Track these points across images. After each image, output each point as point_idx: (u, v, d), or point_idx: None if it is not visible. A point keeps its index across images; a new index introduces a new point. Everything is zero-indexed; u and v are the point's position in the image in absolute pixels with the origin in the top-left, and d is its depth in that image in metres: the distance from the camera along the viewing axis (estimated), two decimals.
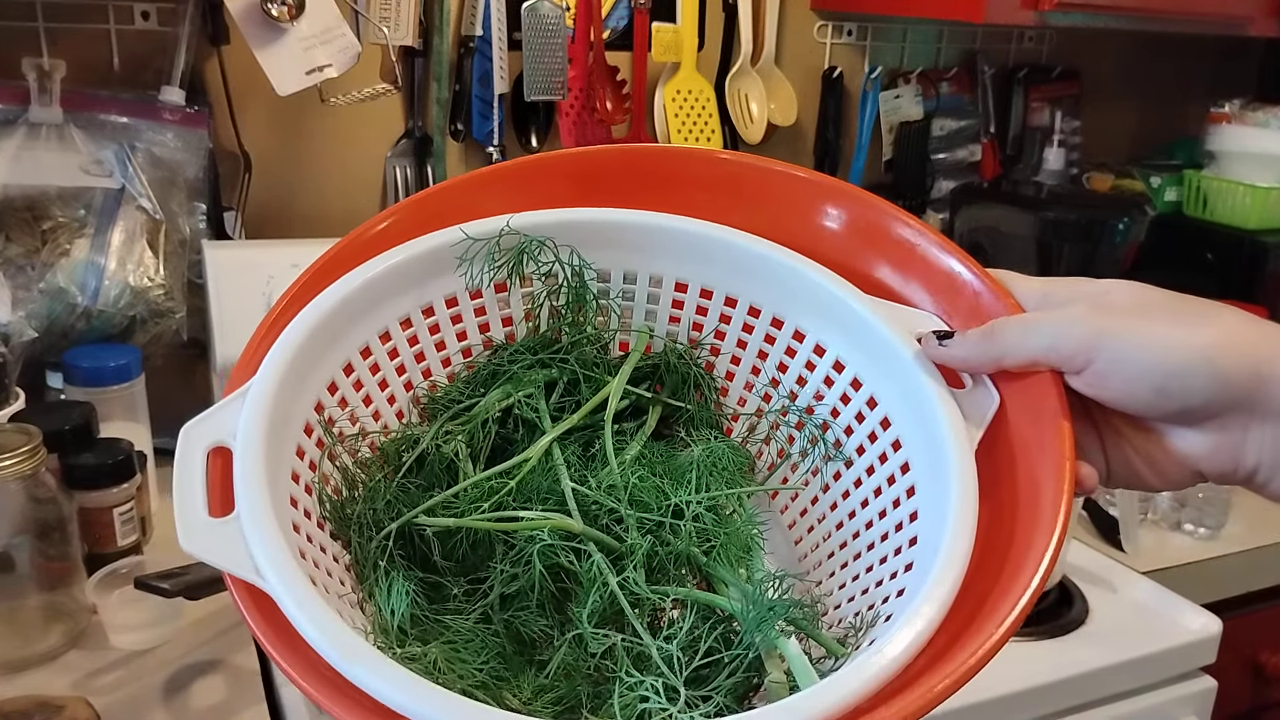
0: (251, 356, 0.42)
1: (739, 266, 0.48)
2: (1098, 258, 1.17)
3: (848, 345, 0.46)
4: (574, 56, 1.16)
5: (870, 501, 0.45)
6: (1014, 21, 1.19)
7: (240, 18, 0.90)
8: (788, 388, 0.49)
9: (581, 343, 0.48)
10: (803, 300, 0.47)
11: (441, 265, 0.46)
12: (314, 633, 0.34)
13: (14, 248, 0.92)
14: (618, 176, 0.49)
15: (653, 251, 0.48)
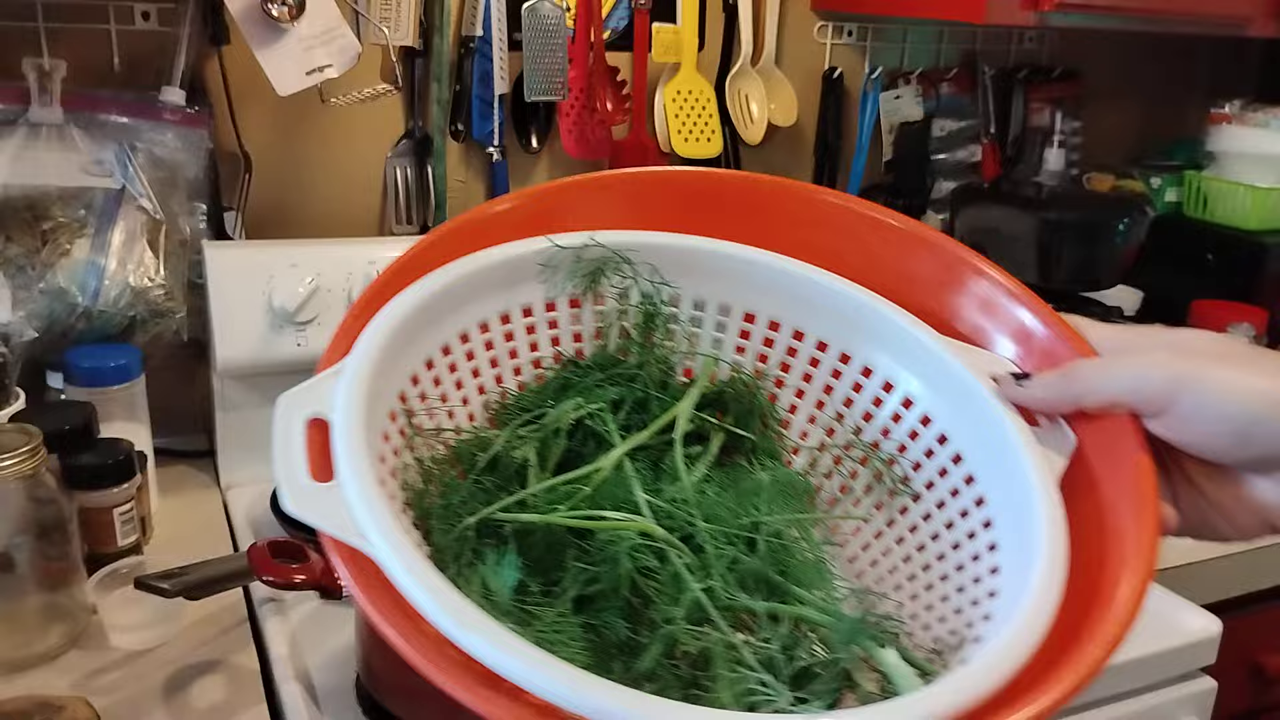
0: (346, 332, 0.42)
1: (812, 301, 0.49)
2: (1098, 258, 1.17)
3: (918, 382, 0.47)
4: (574, 57, 1.16)
5: (942, 535, 0.46)
6: (1014, 22, 1.19)
7: (240, 18, 0.91)
8: (852, 423, 0.49)
9: (649, 364, 0.49)
10: (874, 337, 0.48)
11: (523, 273, 0.47)
12: (424, 599, 0.33)
13: (14, 248, 0.92)
14: (718, 200, 0.50)
15: (727, 281, 0.49)
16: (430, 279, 0.45)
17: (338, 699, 0.73)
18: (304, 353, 1.01)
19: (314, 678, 0.75)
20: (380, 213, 1.17)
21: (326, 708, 0.72)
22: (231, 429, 1.03)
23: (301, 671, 0.76)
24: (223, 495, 1.02)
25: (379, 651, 0.71)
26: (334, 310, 1.02)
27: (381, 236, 1.17)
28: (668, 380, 0.49)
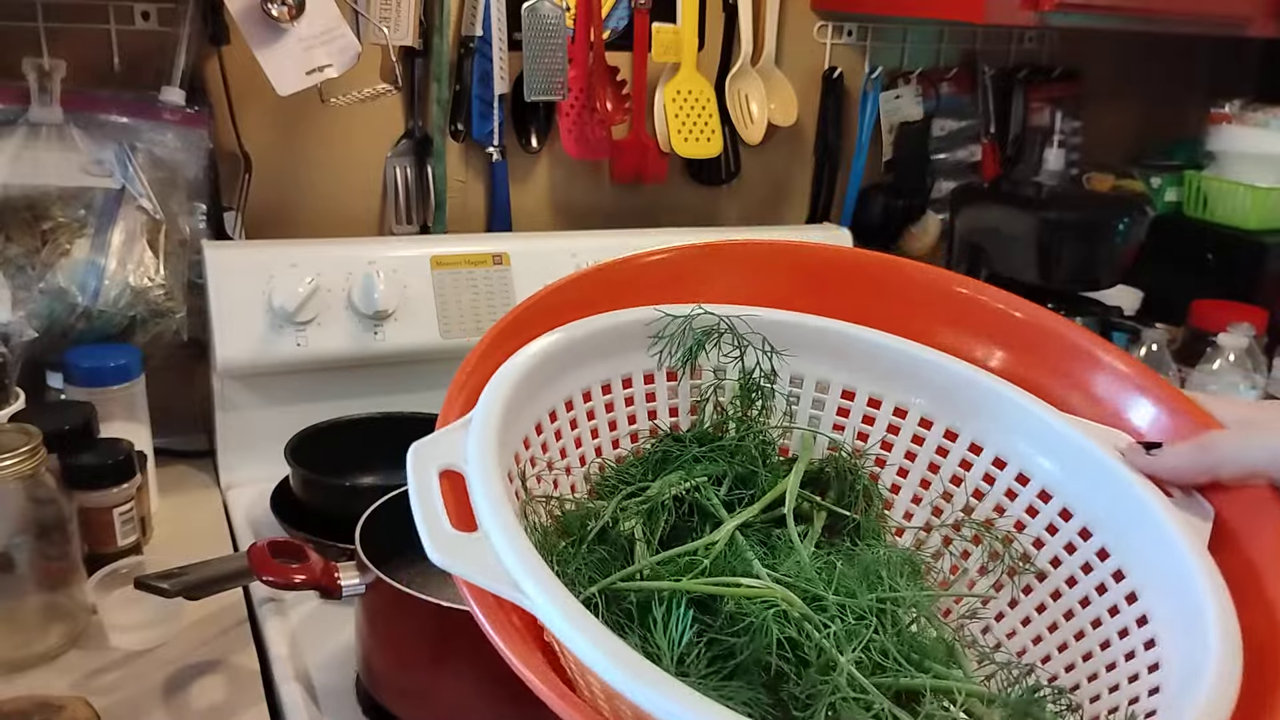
0: (465, 381, 0.42)
1: (915, 378, 0.49)
2: (1098, 258, 1.17)
3: (1035, 456, 0.46)
4: (574, 57, 1.16)
5: (1077, 612, 0.45)
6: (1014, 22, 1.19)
7: (240, 18, 0.90)
8: (961, 501, 0.49)
9: (749, 438, 0.48)
10: (983, 413, 0.48)
11: (629, 342, 0.47)
12: (593, 652, 0.32)
13: (14, 248, 0.92)
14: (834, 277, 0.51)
15: (829, 357, 0.49)
16: (543, 341, 0.44)
17: (337, 699, 0.73)
18: (304, 353, 1.01)
19: (314, 678, 0.75)
20: (380, 213, 1.17)
21: (326, 708, 0.73)
22: (231, 429, 1.03)
23: (301, 671, 0.76)
24: (222, 495, 1.02)
25: (379, 651, 0.71)
26: (334, 310, 1.02)
27: (381, 236, 1.17)
28: (767, 456, 0.49)
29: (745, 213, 1.36)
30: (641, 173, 1.24)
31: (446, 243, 1.10)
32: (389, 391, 1.08)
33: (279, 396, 1.04)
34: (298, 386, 1.04)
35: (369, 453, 0.98)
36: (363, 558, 0.69)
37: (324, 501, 0.90)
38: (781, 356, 0.49)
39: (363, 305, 1.02)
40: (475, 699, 0.67)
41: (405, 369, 1.08)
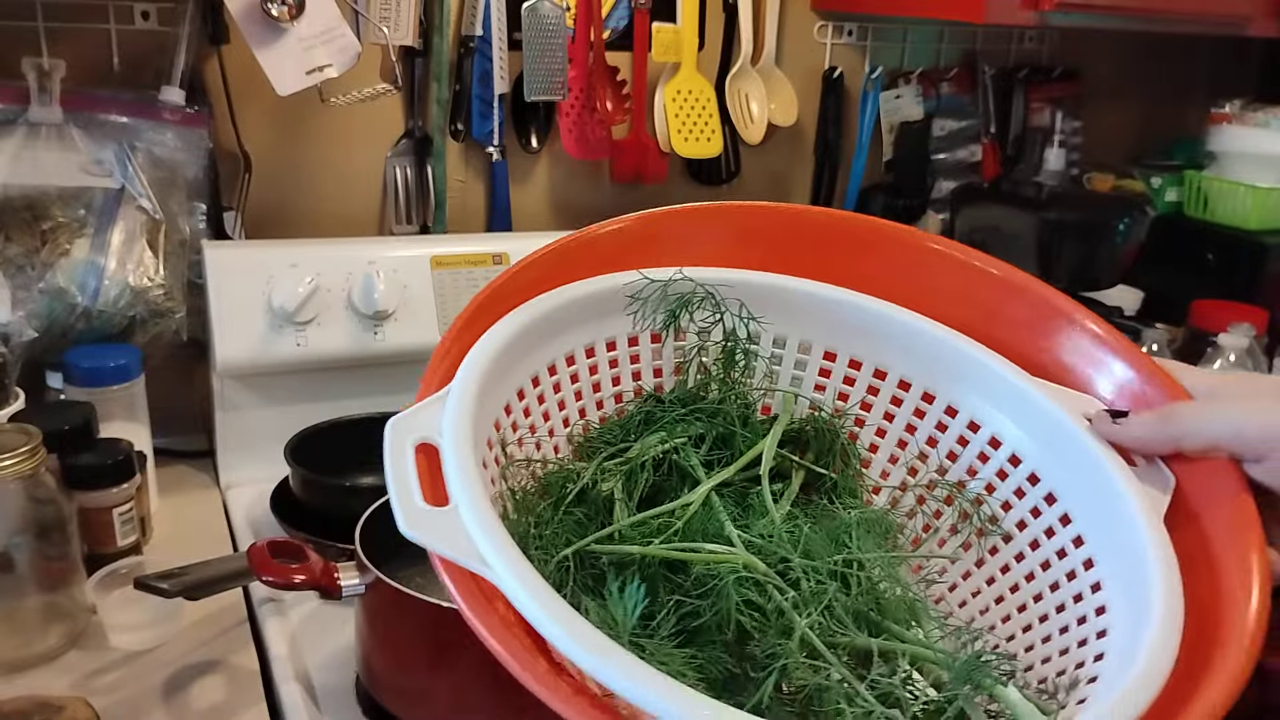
0: (444, 354, 0.43)
1: (894, 340, 0.49)
2: (1098, 258, 1.17)
3: (1006, 421, 0.47)
4: (574, 56, 1.16)
5: (1038, 575, 0.46)
6: (1014, 22, 1.19)
7: (240, 17, 0.90)
8: (936, 462, 0.50)
9: (729, 400, 0.49)
10: (959, 376, 0.48)
11: (611, 306, 0.48)
12: (553, 628, 0.33)
13: (14, 248, 0.92)
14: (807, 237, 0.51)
15: (809, 319, 0.50)
16: (524, 310, 0.45)
17: (337, 699, 0.73)
18: (304, 353, 1.01)
19: (313, 678, 0.75)
20: (380, 212, 1.17)
21: (326, 708, 0.72)
22: (231, 429, 1.03)
23: (301, 672, 0.76)
24: (222, 495, 1.02)
25: (379, 651, 0.71)
26: (334, 310, 1.02)
27: (381, 236, 1.17)
28: (748, 416, 0.50)
29: None
30: (641, 173, 1.24)
31: (446, 243, 1.10)
32: (389, 391, 1.07)
33: (279, 396, 1.04)
34: (297, 386, 1.04)
35: (369, 453, 0.97)
36: (362, 558, 0.69)
37: (324, 502, 0.90)
38: (760, 321, 0.49)
39: (363, 305, 1.02)
40: (475, 699, 0.67)
41: (405, 369, 1.08)
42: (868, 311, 0.49)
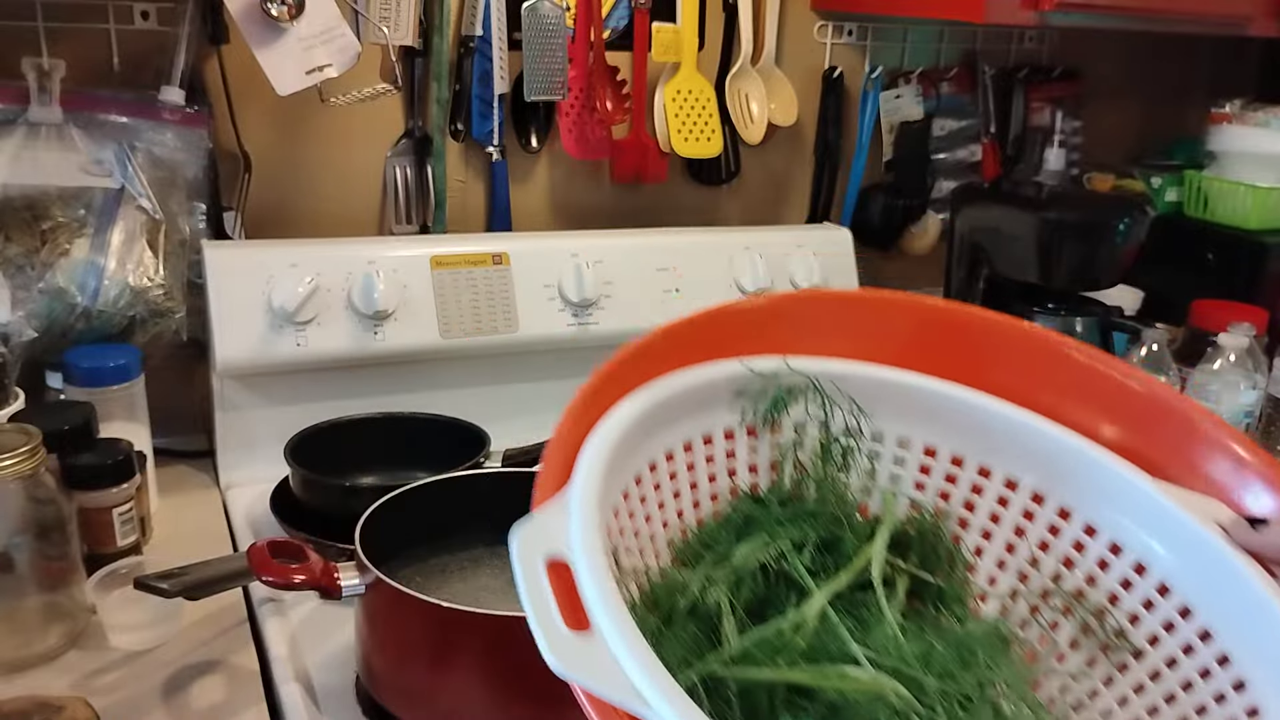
0: (563, 443, 0.39)
1: (1005, 438, 0.46)
2: (1098, 258, 1.17)
3: (1131, 528, 0.44)
4: (574, 56, 1.16)
5: (1179, 697, 0.42)
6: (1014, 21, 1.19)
7: (240, 17, 0.90)
8: (1050, 568, 0.46)
9: (828, 500, 0.46)
10: (1074, 478, 0.45)
11: (715, 398, 0.45)
12: None
13: (13, 247, 0.92)
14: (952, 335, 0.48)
15: (920, 417, 0.47)
16: (633, 401, 0.42)
17: (337, 699, 0.73)
18: (303, 353, 1.01)
19: (314, 678, 0.75)
20: (380, 213, 1.17)
21: (326, 708, 0.72)
22: (231, 429, 1.03)
23: (301, 672, 0.76)
24: (222, 495, 1.02)
25: (379, 652, 0.71)
26: (333, 310, 1.02)
27: (381, 236, 1.17)
28: (849, 518, 0.46)
29: (745, 213, 1.36)
30: (641, 172, 1.24)
31: (446, 242, 1.10)
32: (389, 391, 1.08)
33: (279, 396, 1.04)
34: (297, 386, 1.04)
35: (369, 453, 0.98)
36: (362, 558, 0.69)
37: (324, 502, 0.90)
38: (867, 416, 0.46)
39: (362, 305, 1.02)
40: (475, 699, 0.67)
41: (405, 369, 1.08)
42: (974, 407, 0.46)
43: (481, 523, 0.84)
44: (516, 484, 0.85)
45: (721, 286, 1.20)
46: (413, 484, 0.80)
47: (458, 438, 0.96)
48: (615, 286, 1.14)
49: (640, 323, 1.15)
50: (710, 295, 1.19)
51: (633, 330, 1.25)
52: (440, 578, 0.80)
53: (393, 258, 1.05)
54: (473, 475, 0.86)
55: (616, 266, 1.14)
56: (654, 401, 0.43)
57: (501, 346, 1.10)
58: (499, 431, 0.97)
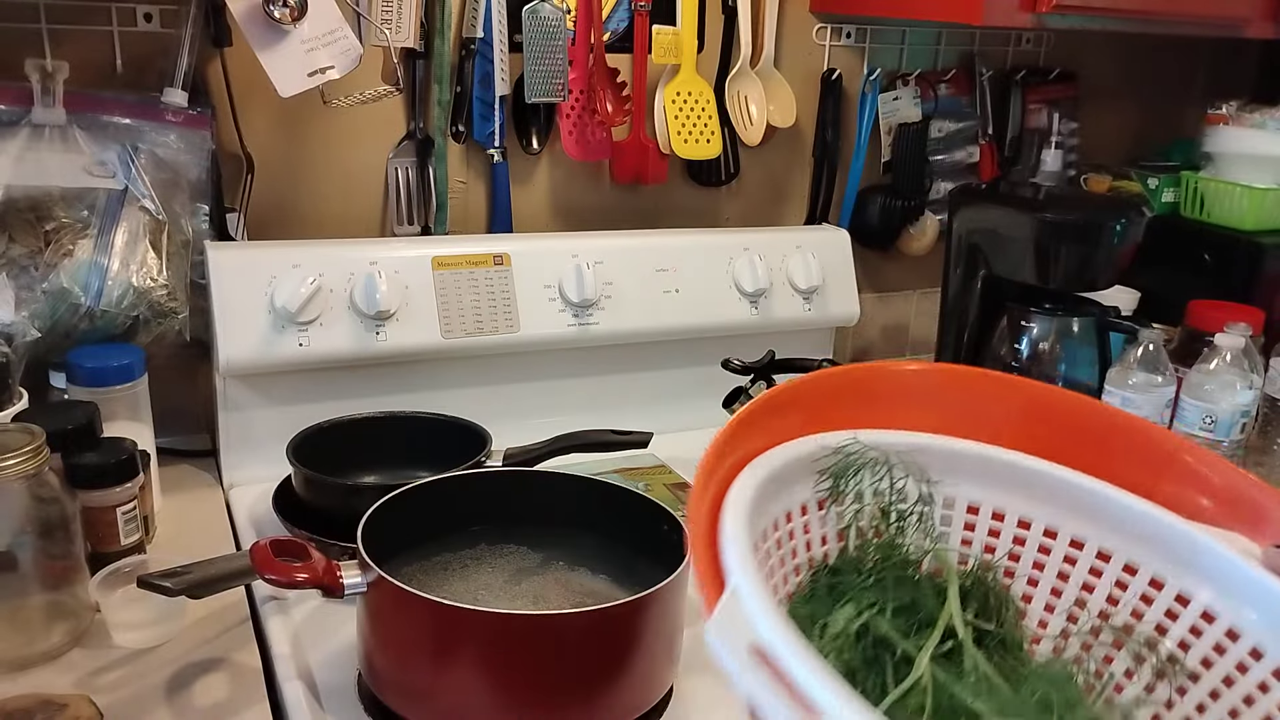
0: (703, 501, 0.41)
1: (1046, 493, 0.50)
2: (1095, 259, 1.17)
3: (1166, 564, 0.48)
4: (574, 58, 1.16)
5: (1243, 712, 0.45)
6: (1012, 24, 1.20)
7: (242, 20, 0.91)
8: (1096, 606, 0.50)
9: (893, 563, 0.49)
10: (1109, 523, 0.49)
11: (797, 474, 0.47)
12: None
13: (17, 248, 0.92)
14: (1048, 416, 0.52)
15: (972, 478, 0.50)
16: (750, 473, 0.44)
17: (340, 697, 0.74)
18: (306, 353, 1.01)
19: (316, 676, 0.76)
20: (382, 214, 1.17)
21: (329, 706, 0.73)
22: (234, 428, 1.04)
23: (304, 670, 0.76)
24: (225, 494, 1.03)
25: (381, 650, 0.71)
26: (336, 310, 1.02)
27: (383, 237, 1.17)
28: (915, 579, 0.50)
29: (745, 214, 1.36)
30: (641, 174, 1.25)
31: (448, 243, 1.11)
32: (391, 391, 1.08)
33: (281, 396, 1.04)
34: (300, 386, 1.04)
35: (371, 452, 0.99)
36: (365, 556, 0.70)
37: (326, 500, 0.91)
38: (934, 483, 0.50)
39: (364, 305, 1.02)
40: (477, 696, 0.67)
41: (407, 369, 1.09)
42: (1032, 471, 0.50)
43: (483, 522, 0.84)
44: (517, 483, 0.86)
45: (721, 287, 1.20)
46: (414, 483, 0.81)
47: (459, 437, 0.97)
48: (615, 287, 1.14)
49: (640, 323, 1.16)
50: (710, 296, 1.20)
51: (633, 330, 1.27)
52: (442, 576, 0.80)
53: (394, 258, 1.05)
54: (474, 474, 0.87)
55: (616, 267, 1.15)
56: (762, 477, 0.45)
57: (502, 347, 1.10)
58: (500, 431, 0.97)
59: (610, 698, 0.69)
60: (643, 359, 1.20)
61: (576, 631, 0.67)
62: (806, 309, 1.25)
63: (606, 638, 0.68)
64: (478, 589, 0.79)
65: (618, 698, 0.70)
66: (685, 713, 0.74)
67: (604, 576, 0.82)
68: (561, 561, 0.83)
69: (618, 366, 1.19)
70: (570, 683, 0.68)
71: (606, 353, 1.18)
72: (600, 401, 1.18)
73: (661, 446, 1.05)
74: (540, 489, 0.85)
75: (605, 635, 0.68)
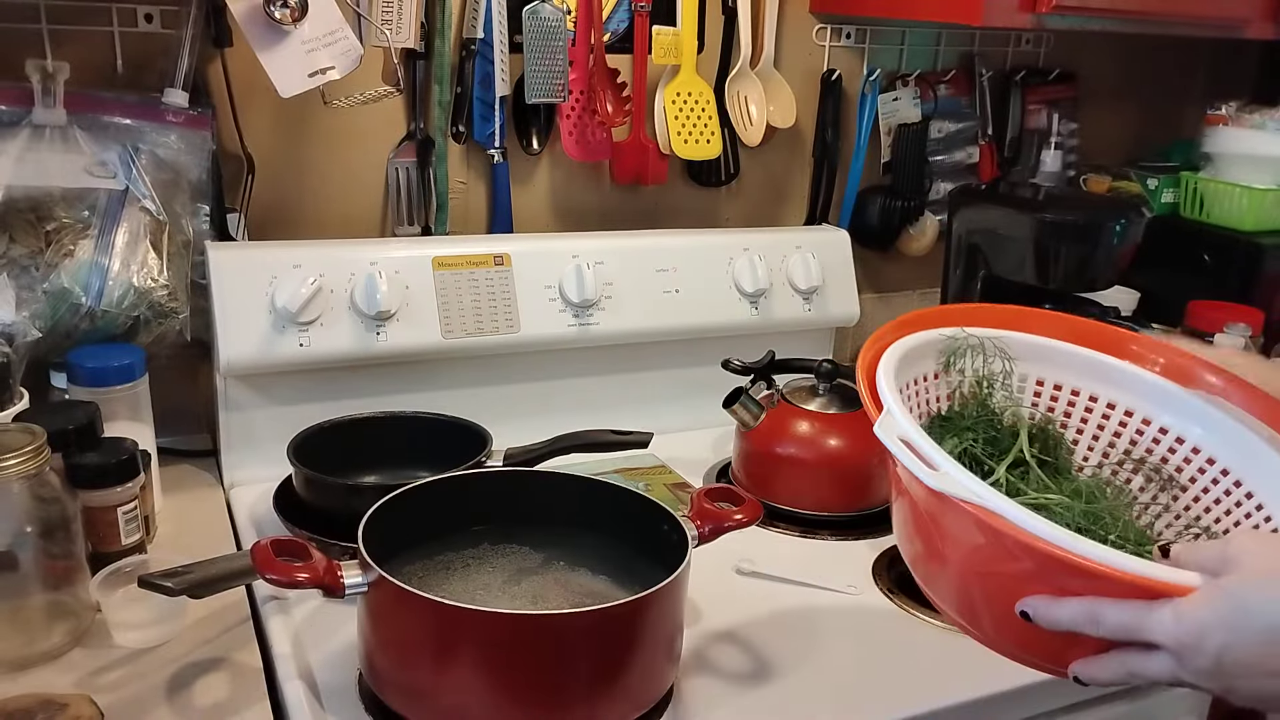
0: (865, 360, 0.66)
1: (1089, 371, 0.73)
2: (1095, 259, 1.17)
3: (1174, 419, 0.70)
4: (575, 59, 1.16)
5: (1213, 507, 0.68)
6: (1011, 24, 1.20)
7: (243, 20, 0.91)
8: (1121, 446, 0.72)
9: (984, 417, 0.71)
10: (1120, 385, 0.72)
11: (921, 354, 0.69)
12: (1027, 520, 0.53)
13: (18, 248, 0.92)
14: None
15: (1038, 360, 0.73)
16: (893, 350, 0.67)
17: (340, 697, 0.74)
18: (306, 353, 1.01)
19: (317, 675, 0.76)
20: (382, 214, 1.17)
21: (329, 705, 0.73)
22: (235, 428, 1.04)
23: (304, 669, 0.76)
24: (226, 494, 1.03)
25: (382, 649, 0.71)
26: (336, 310, 1.02)
27: (383, 237, 1.17)
28: (999, 425, 0.71)
29: (745, 214, 1.36)
30: (641, 174, 1.25)
31: (448, 244, 1.11)
32: (391, 391, 1.08)
33: (282, 396, 1.04)
34: (300, 386, 1.05)
35: (371, 452, 0.99)
36: (365, 556, 0.70)
37: (327, 500, 0.91)
38: (1014, 361, 0.73)
39: (365, 306, 1.02)
40: (477, 696, 0.67)
41: (407, 369, 1.09)
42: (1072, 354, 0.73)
43: (483, 522, 0.84)
44: (518, 483, 0.87)
45: (721, 288, 1.20)
46: (415, 483, 0.81)
47: (459, 437, 0.97)
48: (615, 287, 1.15)
49: (640, 323, 1.16)
50: (710, 296, 1.20)
51: (633, 331, 1.27)
52: (442, 576, 0.80)
53: (395, 259, 1.06)
54: (474, 474, 0.87)
55: (617, 268, 1.15)
56: (904, 349, 0.68)
57: (503, 347, 1.10)
58: (500, 431, 0.97)
59: (610, 698, 0.70)
60: (643, 359, 1.20)
61: (577, 631, 0.67)
62: (806, 309, 1.25)
63: (607, 638, 0.68)
64: (479, 589, 0.79)
65: (618, 698, 0.70)
66: (685, 713, 0.74)
67: (604, 576, 0.82)
68: (562, 561, 0.83)
69: (618, 367, 1.19)
70: (571, 682, 0.68)
71: (606, 353, 1.18)
72: (600, 401, 1.18)
73: (661, 446, 1.05)
74: (541, 489, 0.86)
75: (605, 635, 0.68)
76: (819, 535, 1.01)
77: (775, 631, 0.85)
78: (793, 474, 1.03)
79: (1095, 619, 0.53)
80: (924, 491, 0.57)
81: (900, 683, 0.79)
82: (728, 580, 0.92)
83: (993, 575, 0.58)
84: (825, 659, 0.82)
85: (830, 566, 0.95)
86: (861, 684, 0.79)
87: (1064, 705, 0.84)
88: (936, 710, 0.77)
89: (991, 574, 0.59)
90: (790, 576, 0.93)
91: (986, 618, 0.60)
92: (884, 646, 0.84)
